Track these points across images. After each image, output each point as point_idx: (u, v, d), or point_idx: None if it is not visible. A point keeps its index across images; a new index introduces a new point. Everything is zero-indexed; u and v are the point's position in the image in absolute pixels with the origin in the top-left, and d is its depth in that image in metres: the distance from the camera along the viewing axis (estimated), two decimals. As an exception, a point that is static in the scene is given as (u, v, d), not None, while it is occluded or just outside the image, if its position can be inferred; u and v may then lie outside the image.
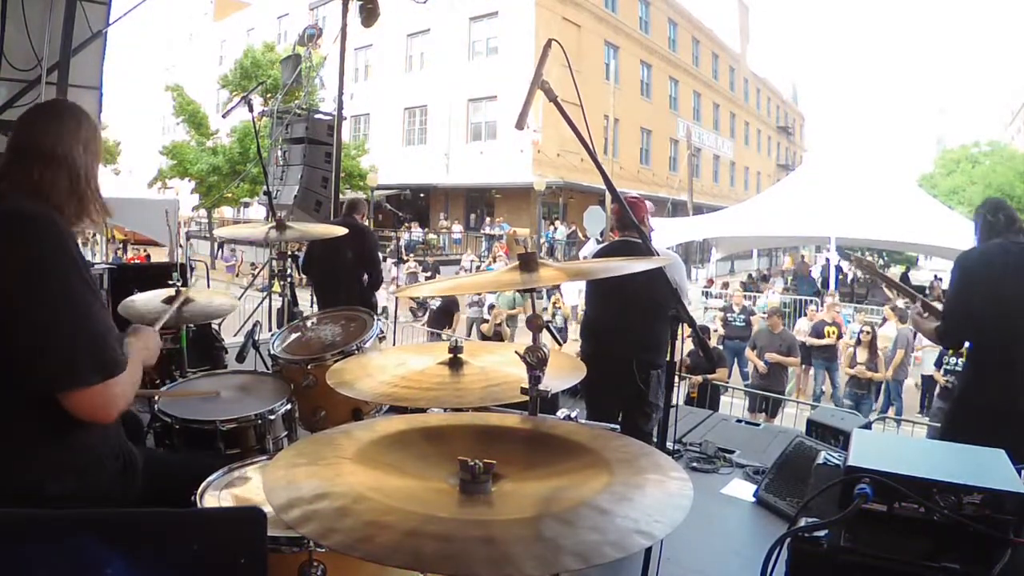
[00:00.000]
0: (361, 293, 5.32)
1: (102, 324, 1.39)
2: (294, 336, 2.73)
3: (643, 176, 28.13)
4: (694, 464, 3.48)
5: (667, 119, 30.91)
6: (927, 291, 14.06)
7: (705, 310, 13.70)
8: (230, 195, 21.56)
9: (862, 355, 7.97)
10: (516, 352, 1.40)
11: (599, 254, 3.48)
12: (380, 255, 6.22)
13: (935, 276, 20.48)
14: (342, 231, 3.18)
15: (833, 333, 9.00)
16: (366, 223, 5.92)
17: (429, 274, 17.43)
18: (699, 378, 6.78)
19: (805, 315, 10.85)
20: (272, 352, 2.59)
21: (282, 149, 9.23)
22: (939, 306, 3.16)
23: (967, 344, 3.14)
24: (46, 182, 1.45)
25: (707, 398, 6.63)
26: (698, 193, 28.29)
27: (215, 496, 1.51)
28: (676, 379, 1.96)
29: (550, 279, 1.48)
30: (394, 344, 6.05)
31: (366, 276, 5.50)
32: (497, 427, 1.24)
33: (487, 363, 1.70)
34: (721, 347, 9.00)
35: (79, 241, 1.52)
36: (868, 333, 8.09)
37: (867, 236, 13.28)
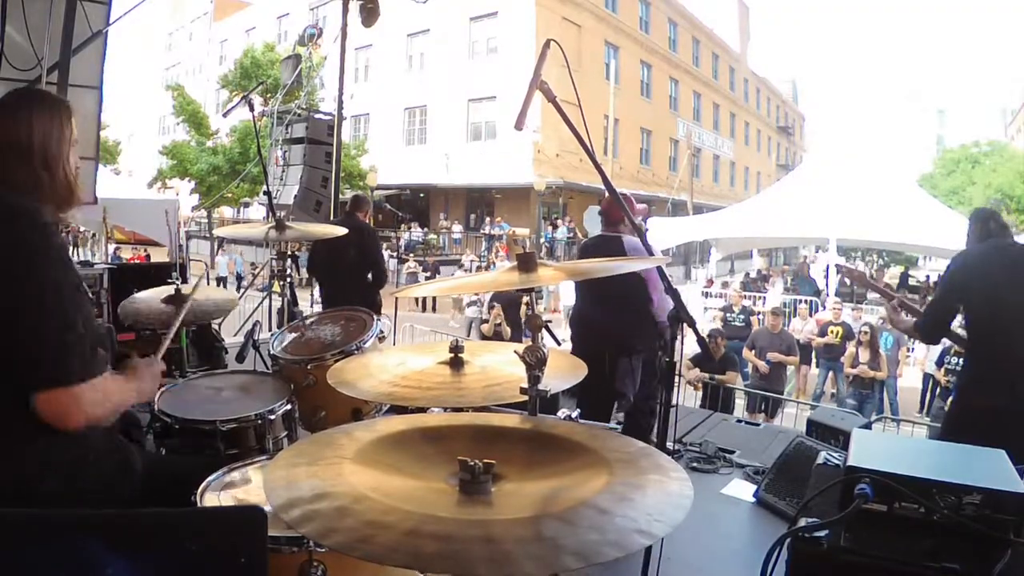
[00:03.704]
0: (365, 292, 5.31)
1: (74, 326, 1.34)
2: (294, 336, 2.73)
3: (643, 176, 28.13)
4: (694, 464, 3.47)
5: (667, 119, 30.90)
6: (921, 291, 14.06)
7: (705, 310, 13.70)
8: (230, 195, 21.57)
9: (864, 355, 7.95)
10: (516, 352, 1.40)
11: (581, 250, 3.77)
12: (383, 253, 6.23)
13: (926, 276, 20.55)
14: (342, 231, 3.19)
15: (836, 333, 8.99)
16: (369, 221, 5.92)
17: (429, 274, 17.46)
18: (704, 375, 6.78)
19: (797, 315, 10.85)
20: (272, 352, 2.59)
21: (282, 149, 9.24)
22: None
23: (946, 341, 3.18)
24: (25, 175, 1.43)
25: (719, 400, 6.60)
26: (698, 193, 28.29)
27: (215, 496, 1.51)
28: (676, 379, 1.95)
29: (549, 279, 1.48)
30: (394, 344, 6.05)
31: (370, 275, 5.51)
32: (497, 427, 1.24)
33: (487, 363, 1.70)
34: (723, 350, 8.98)
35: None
36: (867, 333, 8.07)
37: (867, 236, 13.26)
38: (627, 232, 3.54)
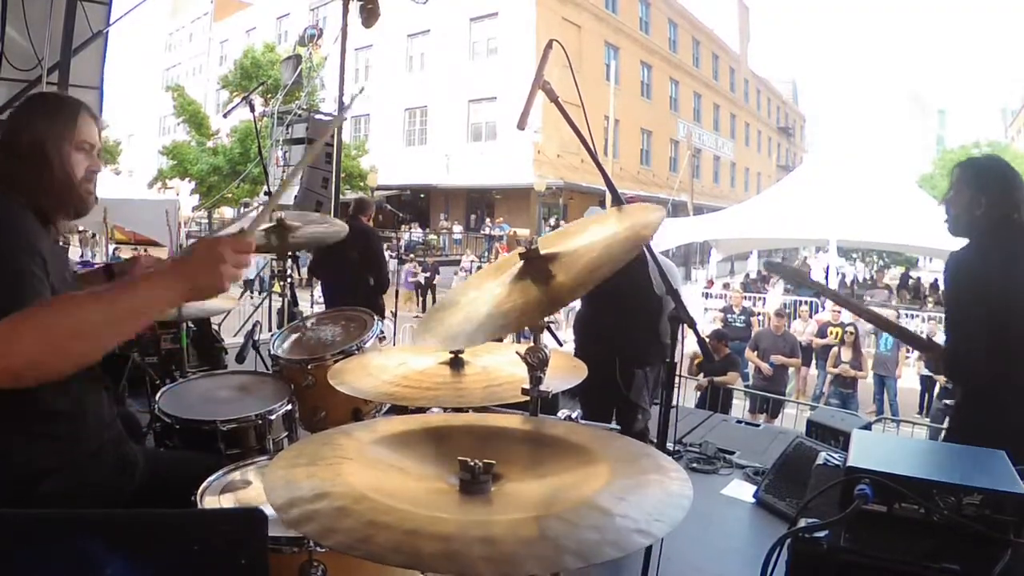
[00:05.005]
0: (367, 294, 5.30)
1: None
2: (294, 336, 2.73)
3: (643, 177, 28.15)
4: (694, 465, 3.47)
5: (667, 120, 30.92)
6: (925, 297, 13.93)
7: (705, 311, 13.70)
8: (230, 195, 21.57)
9: (846, 354, 8.01)
10: (517, 352, 1.40)
11: None
12: (385, 257, 6.21)
13: (918, 278, 20.53)
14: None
15: (835, 334, 9.00)
16: (371, 224, 5.91)
17: (428, 274, 17.48)
18: (705, 381, 6.78)
19: (798, 317, 10.86)
20: (272, 352, 2.59)
21: (283, 150, 9.25)
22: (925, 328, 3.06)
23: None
24: (19, 175, 1.41)
25: (718, 401, 6.60)
26: (698, 194, 28.30)
27: (215, 497, 1.51)
28: (677, 379, 1.95)
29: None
30: (394, 344, 6.04)
31: (372, 279, 5.49)
32: (497, 427, 1.24)
33: (487, 363, 1.70)
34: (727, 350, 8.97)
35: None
36: (851, 333, 8.13)
37: (867, 237, 13.26)
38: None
